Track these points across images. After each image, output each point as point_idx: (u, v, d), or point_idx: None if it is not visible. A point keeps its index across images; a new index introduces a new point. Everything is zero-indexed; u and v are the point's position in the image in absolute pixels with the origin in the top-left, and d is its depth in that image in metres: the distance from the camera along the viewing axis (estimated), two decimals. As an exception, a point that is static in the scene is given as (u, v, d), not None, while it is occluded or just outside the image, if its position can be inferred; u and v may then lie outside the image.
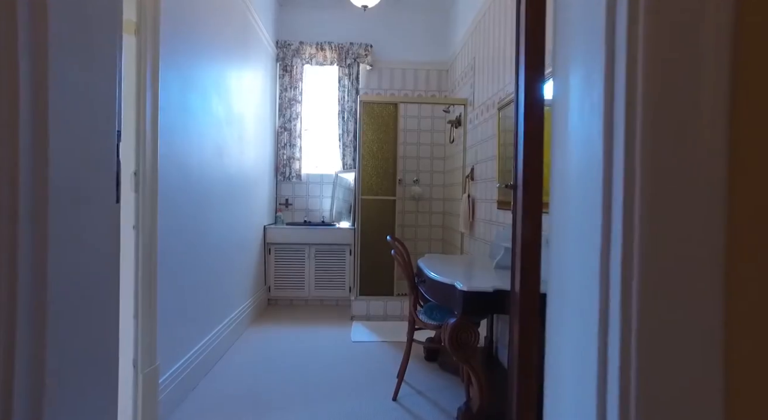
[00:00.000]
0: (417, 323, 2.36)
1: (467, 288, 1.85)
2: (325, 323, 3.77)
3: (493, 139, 3.01)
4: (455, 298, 1.92)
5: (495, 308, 1.87)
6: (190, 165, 2.39)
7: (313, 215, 4.73)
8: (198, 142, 2.51)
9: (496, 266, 2.42)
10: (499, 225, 2.88)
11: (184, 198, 2.32)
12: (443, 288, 2.04)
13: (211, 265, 2.76)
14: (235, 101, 3.22)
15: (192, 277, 2.46)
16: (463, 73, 4.03)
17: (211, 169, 2.73)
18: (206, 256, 2.67)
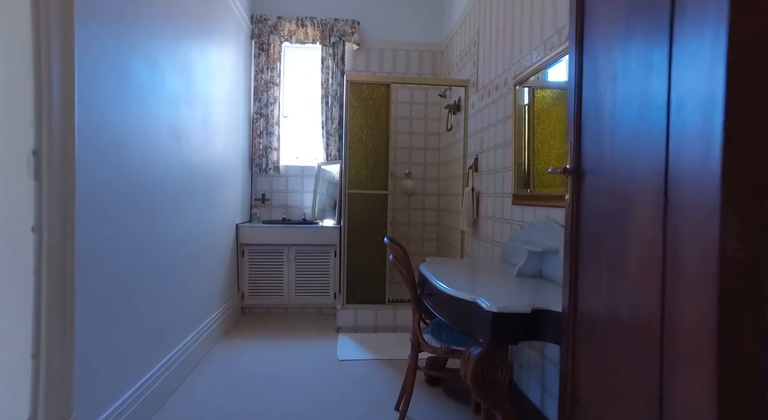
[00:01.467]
0: (423, 346, 1.89)
1: (497, 308, 1.38)
2: (307, 336, 3.27)
3: (507, 121, 2.55)
4: (479, 321, 1.46)
5: (532, 333, 1.42)
6: (130, 148, 1.87)
7: (292, 212, 4.22)
8: (143, 120, 1.99)
9: (519, 274, 1.98)
10: (514, 223, 2.43)
11: (120, 190, 1.80)
12: (460, 305, 1.58)
13: (164, 274, 2.24)
14: (199, 78, 2.70)
15: (135, 292, 1.94)
16: (463, 52, 3.58)
17: (164, 155, 2.21)
18: (157, 264, 2.15)
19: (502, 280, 1.91)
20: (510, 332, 1.40)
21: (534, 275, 1.99)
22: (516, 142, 2.38)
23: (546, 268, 1.96)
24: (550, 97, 2.25)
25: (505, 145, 2.57)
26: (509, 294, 1.61)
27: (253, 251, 3.78)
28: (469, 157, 3.31)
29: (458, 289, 1.64)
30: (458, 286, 1.69)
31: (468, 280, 1.92)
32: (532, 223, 2.14)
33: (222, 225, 3.30)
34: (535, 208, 2.17)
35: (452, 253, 3.78)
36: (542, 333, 1.41)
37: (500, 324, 1.39)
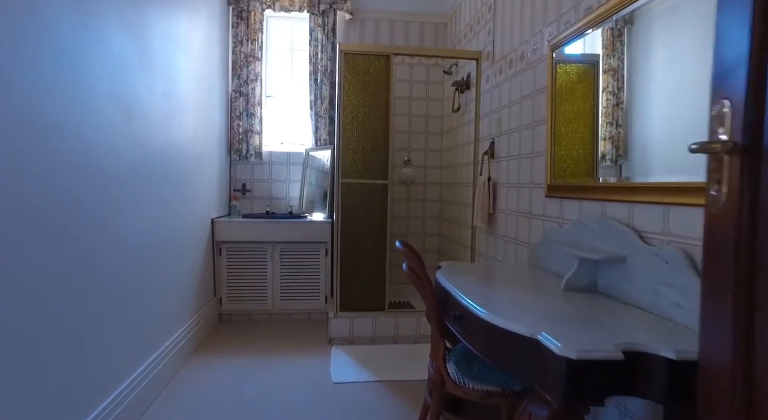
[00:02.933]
0: (448, 385, 1.45)
1: (576, 353, 0.94)
2: (294, 350, 2.81)
3: (537, 96, 2.10)
4: (545, 369, 1.01)
5: (624, 387, 0.98)
6: (47, 121, 1.37)
7: (277, 204, 3.73)
8: (72, 88, 1.48)
9: (568, 287, 1.54)
10: (548, 220, 1.99)
11: (36, 177, 1.30)
12: (508, 341, 1.13)
13: (115, 287, 1.75)
14: (159, 42, 2.18)
15: (71, 318, 1.46)
16: (473, 21, 3.10)
17: (108, 135, 1.70)
18: (104, 275, 1.67)
19: (550, 297, 1.46)
20: (593, 387, 0.96)
21: (587, 288, 1.55)
22: (552, 118, 1.92)
23: (604, 279, 1.52)
24: (575, 72, 1.81)
25: (535, 124, 2.12)
26: (575, 322, 1.17)
27: (232, 250, 3.29)
28: (483, 141, 2.86)
29: (502, 314, 1.20)
30: (500, 310, 1.24)
31: (505, 296, 1.47)
32: (578, 222, 1.70)
33: (194, 220, 2.81)
34: (581, 202, 1.73)
35: (460, 251, 3.35)
36: (639, 387, 0.97)
37: (579, 376, 0.95)
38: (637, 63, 1.47)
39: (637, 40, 1.46)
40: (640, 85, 1.45)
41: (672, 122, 1.32)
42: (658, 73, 1.37)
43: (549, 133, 1.95)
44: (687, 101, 1.25)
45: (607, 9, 1.54)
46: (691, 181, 1.17)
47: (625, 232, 1.43)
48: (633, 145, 1.48)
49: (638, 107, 1.45)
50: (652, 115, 1.39)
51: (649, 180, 1.37)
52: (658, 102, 1.37)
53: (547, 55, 1.97)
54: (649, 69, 1.41)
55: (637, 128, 1.46)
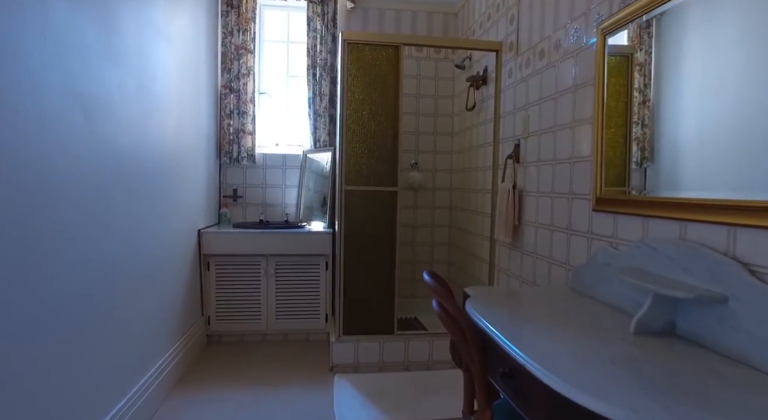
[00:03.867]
0: None
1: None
2: (292, 378, 2.48)
3: (580, 91, 1.78)
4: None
5: None
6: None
7: (272, 212, 3.39)
8: (9, 79, 1.15)
9: (639, 329, 1.22)
10: (597, 239, 1.67)
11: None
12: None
13: (73, 317, 1.41)
14: (132, 28, 1.84)
15: (11, 352, 1.12)
16: (492, 9, 2.77)
17: (62, 139, 1.36)
18: (58, 304, 1.32)
19: (620, 344, 1.14)
20: None
21: (662, 331, 1.23)
22: (602, 115, 1.60)
23: (686, 321, 1.20)
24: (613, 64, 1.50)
25: (576, 124, 1.80)
26: (683, 397, 0.84)
27: (222, 264, 2.95)
28: (504, 143, 2.53)
29: (576, 381, 0.87)
30: (567, 370, 0.91)
31: (565, 344, 1.14)
32: (644, 244, 1.38)
33: (179, 232, 2.47)
34: (646, 220, 1.41)
35: (476, 265, 3.02)
36: None
37: None
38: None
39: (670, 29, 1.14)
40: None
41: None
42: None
43: (597, 134, 1.62)
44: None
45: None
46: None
47: (724, 263, 1.10)
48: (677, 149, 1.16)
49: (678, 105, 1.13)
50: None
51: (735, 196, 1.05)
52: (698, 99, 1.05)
53: (597, 41, 1.64)
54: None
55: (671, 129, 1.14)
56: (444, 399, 2.26)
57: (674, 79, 1.31)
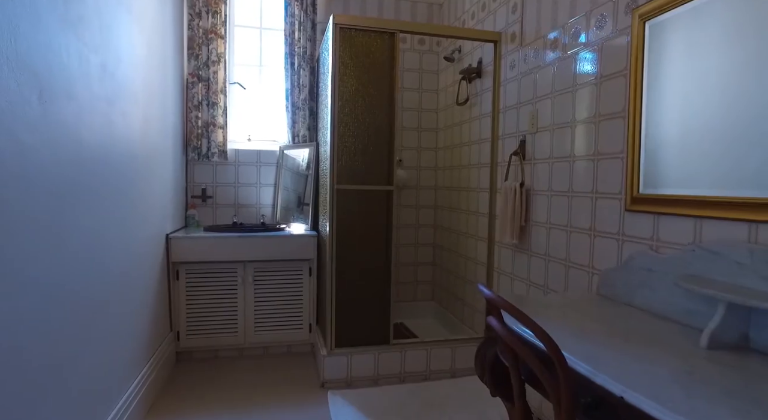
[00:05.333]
0: None
1: None
2: (279, 398, 2.23)
3: (609, 82, 1.65)
4: None
5: None
6: None
7: (246, 213, 3.10)
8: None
9: (713, 343, 1.09)
10: (628, 240, 1.55)
11: None
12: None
13: (19, 357, 1.11)
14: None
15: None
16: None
17: (10, 124, 1.06)
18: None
19: (699, 360, 1.01)
20: None
21: (737, 345, 1.12)
22: (635, 108, 1.49)
23: (761, 334, 1.09)
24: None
25: (602, 118, 1.68)
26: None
27: (193, 272, 2.63)
28: (505, 139, 2.40)
29: (694, 415, 0.72)
30: (674, 403, 0.76)
31: (641, 365, 1.00)
32: (700, 248, 1.27)
33: (146, 238, 2.14)
34: (698, 220, 1.30)
35: (467, 267, 2.88)
36: None
37: None
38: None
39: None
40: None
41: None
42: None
43: (631, 129, 1.51)
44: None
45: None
46: None
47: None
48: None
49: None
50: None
51: None
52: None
53: (630, 27, 1.52)
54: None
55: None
56: (452, 414, 2.09)
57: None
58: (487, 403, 2.20)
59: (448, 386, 2.41)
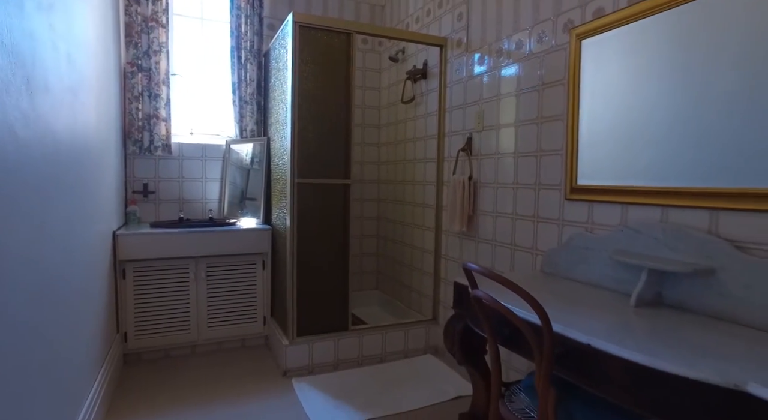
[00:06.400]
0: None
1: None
2: (243, 390, 2.26)
3: (550, 89, 1.93)
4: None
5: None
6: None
7: (192, 209, 3.03)
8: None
9: (637, 303, 1.39)
10: (567, 224, 1.84)
11: None
12: (685, 390, 0.91)
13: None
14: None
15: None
16: (434, 5, 2.84)
17: (7, 109, 1.03)
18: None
19: (633, 316, 1.29)
20: None
21: (654, 303, 1.42)
22: (574, 112, 1.77)
23: (672, 292, 1.40)
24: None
25: (543, 120, 1.95)
26: (731, 357, 0.99)
27: (141, 270, 2.54)
28: (451, 136, 2.63)
29: (652, 353, 0.97)
30: (629, 344, 1.01)
31: (599, 322, 1.24)
32: (627, 228, 1.56)
33: (96, 236, 2.04)
34: (624, 206, 1.60)
35: (414, 255, 3.09)
36: None
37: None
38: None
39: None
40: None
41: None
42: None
43: (570, 130, 1.79)
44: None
45: None
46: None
47: (711, 241, 1.31)
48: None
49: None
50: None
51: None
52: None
53: (568, 44, 1.80)
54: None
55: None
56: (414, 389, 2.28)
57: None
58: (440, 379, 2.42)
59: (402, 366, 2.59)
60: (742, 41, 1.25)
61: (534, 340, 1.09)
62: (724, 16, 1.29)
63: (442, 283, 2.77)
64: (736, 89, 1.27)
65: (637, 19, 1.52)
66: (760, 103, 1.21)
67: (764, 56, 1.20)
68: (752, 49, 1.23)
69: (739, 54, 1.26)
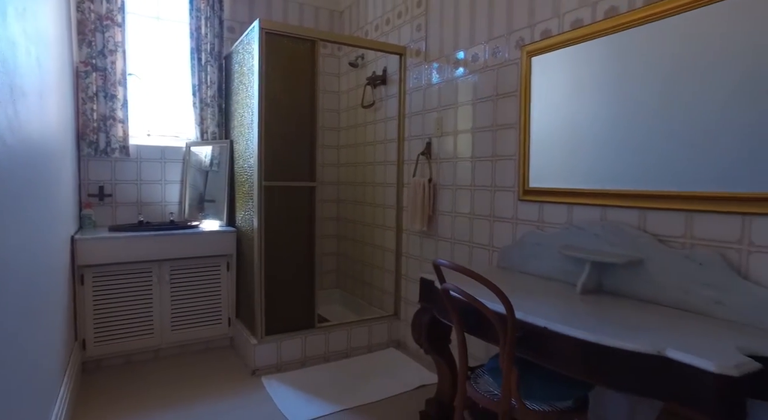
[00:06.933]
0: (523, 415, 1.32)
1: (738, 371, 0.95)
2: (212, 391, 2.29)
3: (504, 99, 2.11)
4: (686, 388, 1.00)
5: (756, 396, 1.03)
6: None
7: (151, 212, 2.98)
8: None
9: (583, 291, 1.59)
10: (520, 223, 2.03)
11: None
12: (623, 360, 1.09)
13: None
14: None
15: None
16: (393, 14, 2.97)
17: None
18: None
19: (579, 303, 1.49)
20: (743, 401, 0.98)
21: (596, 290, 1.63)
22: (526, 122, 1.96)
23: (610, 280, 1.62)
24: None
25: (498, 128, 2.13)
26: (657, 331, 1.19)
27: (100, 275, 2.48)
28: (411, 141, 2.78)
29: (595, 331, 1.15)
30: (580, 325, 1.19)
31: (554, 308, 1.43)
32: (572, 226, 1.77)
33: (55, 242, 2.00)
34: (570, 206, 1.81)
35: (375, 254, 3.21)
36: (762, 392, 1.04)
37: (737, 391, 0.96)
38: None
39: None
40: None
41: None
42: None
43: (522, 137, 1.98)
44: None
45: (608, 27, 1.61)
46: (729, 191, 1.32)
47: (640, 236, 1.53)
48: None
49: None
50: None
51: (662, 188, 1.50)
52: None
53: (519, 59, 1.99)
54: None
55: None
56: (380, 380, 2.41)
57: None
58: (404, 370, 2.56)
59: (367, 360, 2.71)
60: (665, 64, 1.47)
61: (499, 325, 1.25)
62: (650, 44, 1.51)
63: (403, 280, 2.92)
64: (657, 103, 1.49)
65: (579, 42, 1.73)
66: (677, 116, 1.44)
67: (678, 79, 1.43)
68: (671, 73, 1.45)
69: (662, 75, 1.48)
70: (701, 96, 1.38)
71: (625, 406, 1.64)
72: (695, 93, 1.40)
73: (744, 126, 1.29)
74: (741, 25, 1.29)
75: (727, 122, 1.33)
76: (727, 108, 1.32)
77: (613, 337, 1.13)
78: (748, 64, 1.28)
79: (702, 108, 1.38)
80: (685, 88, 1.42)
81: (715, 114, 1.35)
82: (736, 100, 1.30)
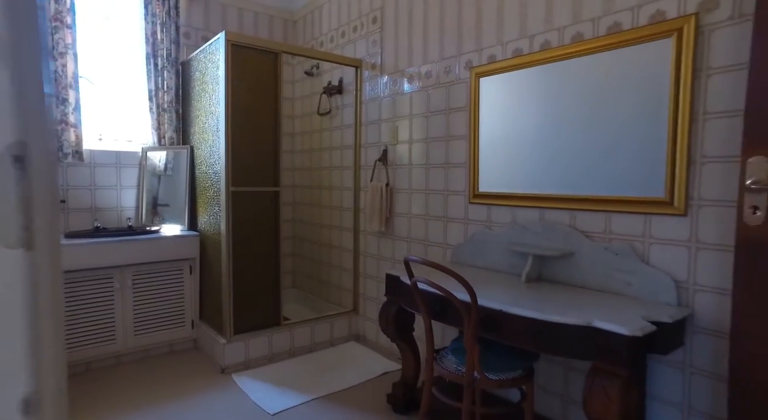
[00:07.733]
0: (484, 383, 1.58)
1: (641, 332, 1.26)
2: (183, 392, 2.36)
3: (455, 113, 2.39)
4: (606, 348, 1.31)
5: (658, 349, 1.37)
6: None
7: (107, 217, 2.95)
8: None
9: (527, 280, 1.90)
10: (471, 223, 2.32)
11: None
12: (562, 331, 1.39)
13: None
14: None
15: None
16: (348, 28, 3.16)
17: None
18: None
19: (525, 290, 1.79)
20: (644, 354, 1.30)
21: (537, 278, 1.95)
22: (474, 135, 2.25)
23: (548, 270, 1.94)
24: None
25: (450, 138, 2.41)
26: (586, 307, 1.51)
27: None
28: (367, 148, 2.99)
29: (543, 311, 1.44)
30: (531, 306, 1.48)
31: (505, 295, 1.71)
32: (516, 225, 2.08)
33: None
34: (513, 209, 2.11)
35: (332, 254, 3.39)
36: (661, 346, 1.37)
37: (639, 348, 1.28)
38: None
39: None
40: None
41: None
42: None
43: (472, 148, 2.27)
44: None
45: (543, 57, 1.93)
46: (635, 195, 1.66)
47: (571, 233, 1.86)
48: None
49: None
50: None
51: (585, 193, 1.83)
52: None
53: (469, 79, 2.27)
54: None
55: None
56: (346, 370, 2.60)
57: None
58: (366, 360, 2.78)
59: (331, 353, 2.90)
60: (591, 89, 1.81)
61: (465, 310, 1.50)
62: (578, 73, 1.84)
63: (361, 277, 3.12)
64: (583, 121, 1.83)
65: (520, 68, 2.04)
66: (596, 131, 1.78)
67: (597, 102, 1.77)
68: (593, 97, 1.79)
69: (587, 98, 1.82)
70: (613, 114, 1.73)
71: (561, 373, 1.98)
72: (609, 112, 1.74)
73: (640, 140, 1.65)
74: (636, 63, 1.64)
75: (627, 136, 1.68)
76: (628, 125, 1.67)
77: (554, 315, 1.42)
78: (642, 93, 1.63)
79: (612, 124, 1.73)
80: (602, 109, 1.76)
81: (622, 128, 1.70)
82: (634, 119, 1.66)
